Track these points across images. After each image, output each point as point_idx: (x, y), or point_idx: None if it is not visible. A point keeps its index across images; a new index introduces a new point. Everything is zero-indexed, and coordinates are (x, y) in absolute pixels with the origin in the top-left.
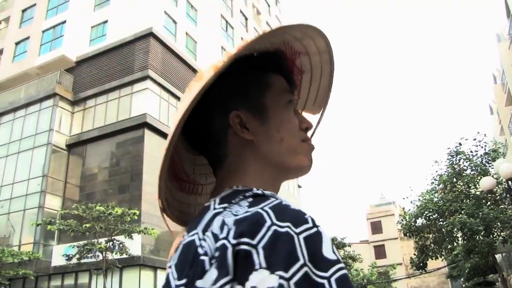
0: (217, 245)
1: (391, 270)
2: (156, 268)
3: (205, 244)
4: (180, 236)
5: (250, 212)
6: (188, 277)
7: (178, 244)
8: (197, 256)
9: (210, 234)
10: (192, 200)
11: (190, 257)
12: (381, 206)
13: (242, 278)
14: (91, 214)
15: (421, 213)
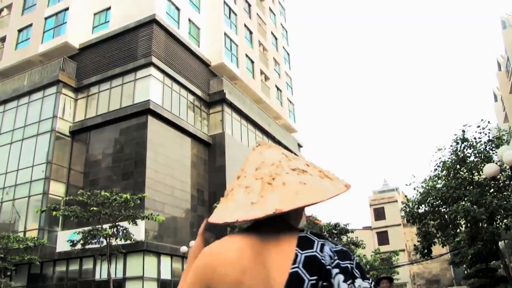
0: (334, 264)
1: (394, 256)
2: (160, 253)
3: (326, 260)
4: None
5: (339, 247)
6: (318, 276)
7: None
8: (323, 266)
9: (326, 255)
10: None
11: (317, 265)
12: (384, 192)
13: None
14: (96, 200)
15: (424, 200)
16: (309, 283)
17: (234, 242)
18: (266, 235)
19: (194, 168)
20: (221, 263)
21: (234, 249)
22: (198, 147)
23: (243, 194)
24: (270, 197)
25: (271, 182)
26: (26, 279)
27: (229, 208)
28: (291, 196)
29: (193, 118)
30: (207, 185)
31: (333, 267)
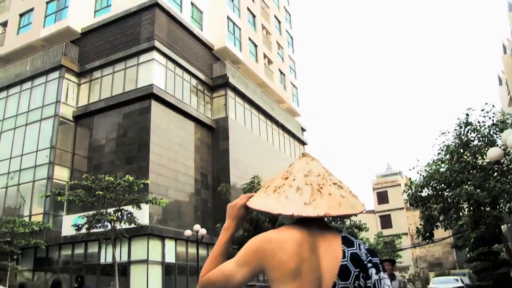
0: (368, 259)
1: (396, 239)
2: (164, 237)
3: (363, 256)
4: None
5: (368, 247)
6: (359, 268)
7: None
8: (362, 261)
9: (363, 252)
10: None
11: (359, 260)
12: (388, 176)
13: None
14: (100, 184)
15: (427, 184)
16: (353, 274)
17: (293, 234)
18: (314, 230)
19: (197, 152)
20: (282, 251)
21: (294, 241)
22: (201, 131)
23: (296, 194)
24: (320, 202)
25: (320, 190)
26: (33, 263)
27: (282, 202)
28: (336, 205)
29: (196, 102)
30: (210, 169)
31: (367, 262)
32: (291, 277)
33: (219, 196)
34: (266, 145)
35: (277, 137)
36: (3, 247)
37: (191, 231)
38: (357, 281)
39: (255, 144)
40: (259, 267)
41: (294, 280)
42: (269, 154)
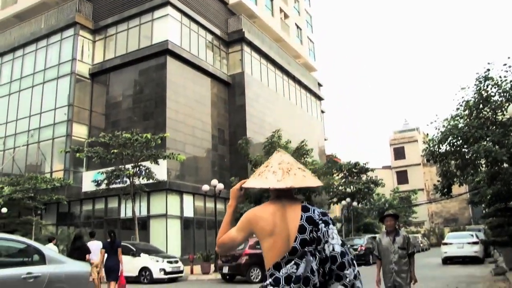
0: (319, 218)
1: (412, 195)
2: (182, 192)
3: (316, 217)
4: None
5: (321, 210)
6: (312, 225)
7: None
8: (314, 220)
9: (316, 214)
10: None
11: (311, 220)
12: (405, 132)
13: (327, 227)
14: (117, 141)
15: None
16: (308, 229)
17: (269, 207)
18: (284, 202)
19: (214, 108)
20: (262, 220)
21: (269, 212)
22: (218, 87)
23: (272, 175)
24: (288, 180)
25: (288, 172)
26: (56, 217)
27: (264, 181)
28: (299, 181)
29: (212, 58)
30: (227, 125)
31: (319, 220)
32: (268, 235)
33: (236, 151)
34: (282, 100)
35: (294, 92)
36: (27, 203)
37: (209, 186)
38: (311, 233)
39: (271, 99)
40: (250, 231)
41: (271, 237)
42: (286, 109)
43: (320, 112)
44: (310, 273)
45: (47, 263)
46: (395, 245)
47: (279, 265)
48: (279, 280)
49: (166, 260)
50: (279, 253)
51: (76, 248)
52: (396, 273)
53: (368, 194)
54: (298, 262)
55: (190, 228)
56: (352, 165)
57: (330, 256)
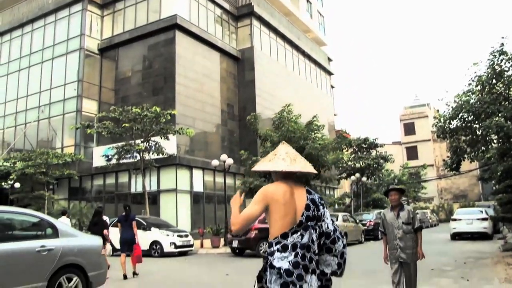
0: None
1: (422, 171)
2: (192, 167)
3: (317, 200)
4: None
5: (318, 195)
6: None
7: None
8: (316, 202)
9: (317, 197)
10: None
11: (314, 201)
12: (415, 107)
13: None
14: (127, 116)
15: (456, 115)
16: (312, 208)
17: (281, 185)
18: (291, 184)
19: (223, 83)
20: (276, 195)
21: (282, 189)
22: (227, 62)
23: (282, 161)
24: (295, 165)
25: (294, 159)
26: (67, 192)
27: (275, 165)
28: (303, 167)
29: (221, 32)
30: (237, 100)
31: (319, 202)
32: (280, 209)
33: (245, 126)
34: (292, 75)
35: (303, 67)
36: (39, 178)
37: (218, 161)
38: (313, 212)
39: (281, 74)
40: (266, 204)
41: (282, 211)
42: (295, 84)
43: (329, 87)
44: (311, 242)
45: (60, 237)
46: (399, 220)
47: (286, 235)
48: (287, 246)
49: (176, 234)
50: (288, 225)
51: (96, 223)
52: (401, 249)
53: (378, 170)
54: (303, 233)
55: (199, 203)
56: (361, 140)
57: (325, 232)
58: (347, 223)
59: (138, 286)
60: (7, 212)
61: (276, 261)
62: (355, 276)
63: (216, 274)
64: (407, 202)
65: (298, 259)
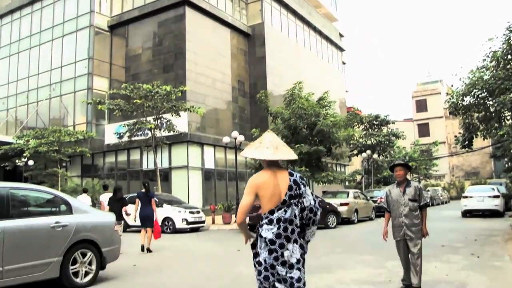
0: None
1: (433, 148)
2: (203, 144)
3: (298, 180)
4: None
5: (299, 175)
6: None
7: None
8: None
9: (298, 178)
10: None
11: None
12: (428, 84)
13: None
14: (138, 93)
15: (470, 91)
16: (294, 188)
17: (266, 173)
18: (275, 169)
19: (234, 60)
20: (262, 182)
21: (266, 177)
22: (237, 38)
23: (266, 150)
24: (278, 153)
25: (277, 148)
26: (80, 170)
27: (260, 153)
28: (285, 155)
29: (231, 8)
30: (247, 77)
31: (300, 182)
32: (267, 191)
33: (256, 103)
34: (303, 51)
35: (314, 43)
36: (52, 155)
37: (229, 138)
38: (295, 191)
39: (291, 51)
40: (254, 193)
41: (268, 193)
42: (306, 60)
43: (341, 63)
44: (293, 217)
45: (74, 213)
46: (405, 197)
47: (273, 211)
48: (273, 220)
49: (188, 211)
50: (274, 203)
51: (117, 199)
52: (407, 226)
53: (389, 147)
54: (286, 209)
55: (211, 180)
56: (373, 117)
57: (308, 207)
58: (358, 200)
59: (154, 260)
60: (22, 189)
61: (264, 232)
62: (365, 252)
63: (228, 249)
64: (418, 180)
65: (281, 231)
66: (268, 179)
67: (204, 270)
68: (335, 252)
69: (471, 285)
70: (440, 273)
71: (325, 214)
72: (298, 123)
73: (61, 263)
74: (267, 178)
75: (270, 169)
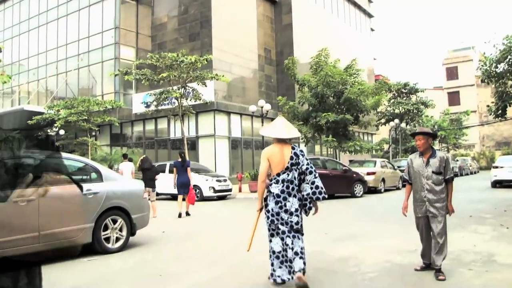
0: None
1: (464, 117)
2: (229, 112)
3: (298, 152)
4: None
5: (299, 148)
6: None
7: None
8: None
9: (298, 150)
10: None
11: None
12: (459, 51)
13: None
14: (164, 62)
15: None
16: (294, 158)
17: (275, 146)
18: (282, 144)
19: (260, 28)
20: (272, 153)
21: (275, 149)
22: (263, 5)
23: (278, 129)
24: (287, 133)
25: (289, 129)
26: (109, 139)
27: (273, 133)
28: (292, 133)
29: None
30: (274, 44)
31: (299, 154)
32: (275, 160)
33: (282, 71)
34: (330, 18)
35: (342, 9)
36: (82, 125)
37: (256, 106)
38: (295, 160)
39: (319, 17)
40: (267, 160)
41: (276, 161)
42: (334, 27)
43: (369, 30)
44: (293, 178)
45: (104, 181)
46: (429, 168)
47: (279, 174)
48: (279, 180)
49: (215, 179)
50: (280, 169)
51: (148, 168)
52: (430, 202)
53: (417, 116)
54: (288, 173)
55: (237, 148)
56: (401, 85)
57: (306, 170)
58: (385, 169)
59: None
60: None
61: (272, 188)
62: (391, 222)
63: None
64: (446, 149)
65: (284, 188)
66: (277, 151)
67: (231, 239)
68: (361, 221)
69: (499, 256)
70: (466, 244)
71: (352, 183)
72: (325, 91)
73: (93, 229)
74: (276, 150)
75: (279, 144)
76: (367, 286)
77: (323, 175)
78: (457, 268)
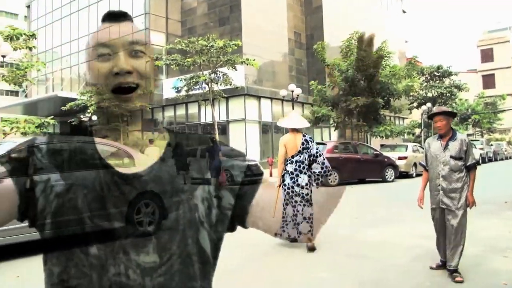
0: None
1: (499, 100)
2: (260, 97)
3: (308, 139)
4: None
5: (309, 136)
6: (307, 143)
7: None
8: (308, 141)
9: (308, 137)
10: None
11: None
12: (495, 32)
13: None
14: (194, 47)
15: None
16: (305, 143)
17: (290, 135)
18: (295, 133)
19: (290, 11)
20: (287, 140)
21: (290, 137)
22: None
23: (292, 120)
24: (299, 123)
25: (301, 120)
26: (140, 124)
27: (287, 124)
28: (304, 123)
29: None
30: (304, 28)
31: (309, 140)
32: (290, 145)
33: (313, 55)
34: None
35: None
36: (114, 110)
37: (286, 91)
38: (305, 145)
39: None
40: (284, 146)
41: (290, 146)
42: (365, 9)
43: (401, 12)
44: (304, 159)
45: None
46: (447, 153)
47: (293, 156)
48: (292, 161)
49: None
50: (294, 152)
51: (180, 153)
52: (444, 191)
53: (451, 99)
54: (300, 155)
55: (268, 133)
56: (434, 68)
57: (315, 153)
58: (417, 153)
59: None
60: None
61: (288, 167)
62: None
63: None
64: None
65: (296, 167)
66: (291, 138)
67: None
68: (392, 206)
69: None
70: (501, 230)
71: (383, 167)
72: (356, 74)
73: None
74: (290, 138)
75: (293, 132)
76: (397, 271)
77: (354, 160)
78: (491, 254)
